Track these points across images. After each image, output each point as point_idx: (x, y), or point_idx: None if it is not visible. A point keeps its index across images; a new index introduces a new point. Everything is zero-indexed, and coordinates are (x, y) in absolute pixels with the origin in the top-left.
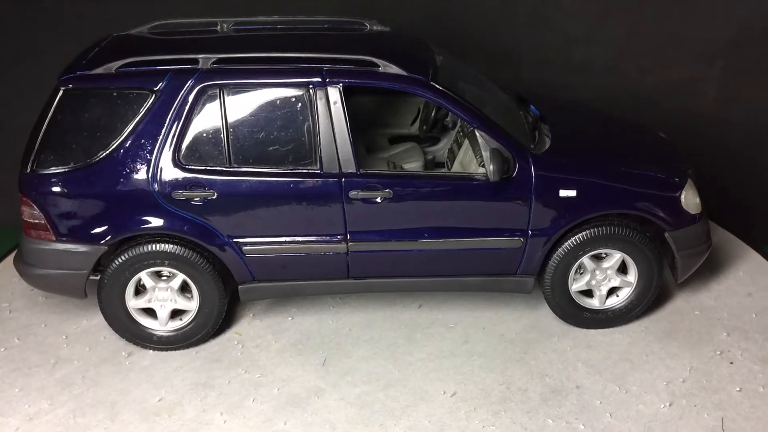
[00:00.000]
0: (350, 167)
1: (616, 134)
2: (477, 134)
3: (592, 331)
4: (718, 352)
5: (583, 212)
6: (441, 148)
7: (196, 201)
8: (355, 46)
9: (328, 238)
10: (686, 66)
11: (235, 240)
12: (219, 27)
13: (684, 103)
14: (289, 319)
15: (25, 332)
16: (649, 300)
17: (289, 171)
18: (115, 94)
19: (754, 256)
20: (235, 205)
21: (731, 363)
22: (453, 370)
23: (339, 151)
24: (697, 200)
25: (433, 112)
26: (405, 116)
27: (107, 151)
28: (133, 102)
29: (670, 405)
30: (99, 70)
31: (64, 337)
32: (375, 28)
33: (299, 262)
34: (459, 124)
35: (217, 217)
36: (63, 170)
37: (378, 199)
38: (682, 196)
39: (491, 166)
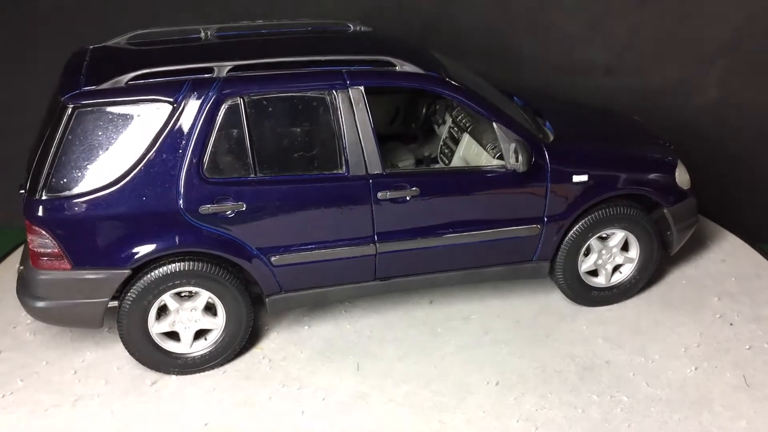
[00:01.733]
0: (376, 168)
1: (603, 121)
2: (495, 127)
3: (599, 309)
4: (718, 316)
5: (594, 196)
6: (422, 145)
7: (225, 214)
8: (362, 46)
9: (356, 241)
10: (686, 66)
11: (263, 251)
12: (203, 34)
13: (684, 103)
14: (306, 328)
15: (26, 372)
16: (649, 273)
17: (316, 176)
18: (130, 108)
19: (710, 225)
20: (265, 215)
21: (731, 324)
22: (486, 360)
23: (365, 152)
24: (687, 176)
25: (424, 109)
26: (382, 117)
27: (127, 170)
28: (150, 116)
29: (695, 369)
30: (107, 85)
31: (73, 372)
32: (359, 28)
33: (328, 268)
34: (450, 120)
35: (246, 229)
36: (79, 193)
37: (407, 198)
38: (677, 174)
39: (520, 158)
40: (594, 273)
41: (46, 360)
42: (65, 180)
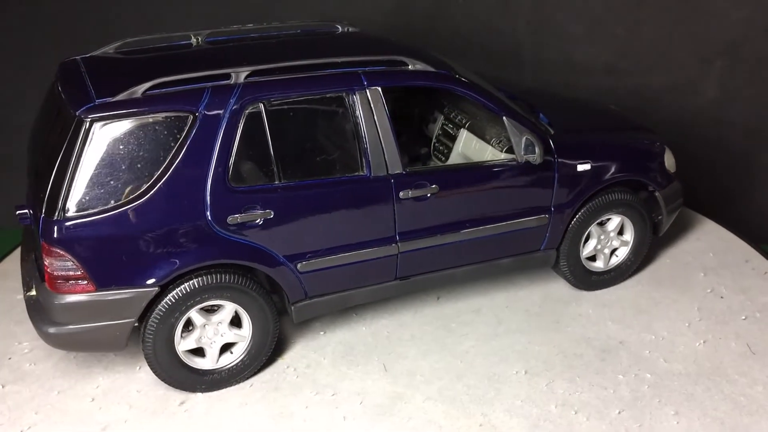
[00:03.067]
0: (397, 168)
1: (591, 112)
2: (506, 121)
3: (599, 292)
4: (708, 290)
5: (596, 184)
6: (409, 144)
7: (252, 223)
8: (370, 47)
9: (379, 242)
10: (686, 66)
11: (290, 258)
12: (193, 40)
13: (684, 103)
14: (322, 334)
15: (38, 404)
16: (642, 255)
17: (338, 179)
18: (150, 120)
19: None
20: (291, 221)
21: (722, 297)
22: (507, 350)
23: (385, 152)
24: (673, 160)
25: (416, 110)
26: None
27: (151, 183)
28: (172, 126)
29: (704, 342)
30: (122, 97)
31: (90, 400)
32: (347, 29)
33: (351, 271)
34: (442, 117)
35: (274, 237)
36: (102, 210)
37: (428, 196)
38: (666, 158)
39: (537, 150)
40: (592, 258)
41: (57, 389)
42: (86, 198)
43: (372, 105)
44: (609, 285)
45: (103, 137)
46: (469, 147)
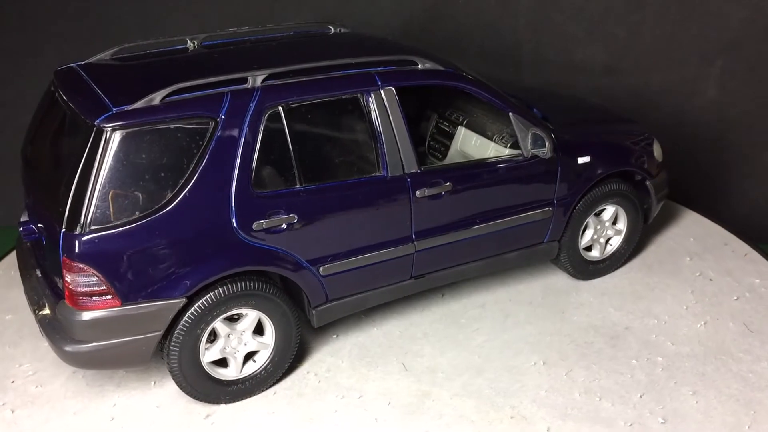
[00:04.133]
0: (412, 167)
1: (580, 106)
2: (512, 117)
3: (595, 281)
4: (697, 274)
5: (595, 176)
6: None
7: (277, 228)
8: (377, 47)
9: (397, 241)
10: (686, 66)
11: (313, 262)
12: (189, 44)
13: (684, 103)
14: (335, 337)
15: (55, 428)
16: (634, 243)
17: (357, 180)
18: (172, 127)
19: None
20: (314, 225)
21: (711, 280)
22: (519, 342)
23: (401, 152)
24: (660, 150)
25: (407, 109)
26: None
27: (175, 192)
28: (194, 133)
29: (704, 324)
30: (140, 104)
31: (110, 419)
32: (339, 30)
33: (370, 272)
34: (436, 116)
35: (297, 242)
36: (126, 222)
37: (442, 193)
38: (654, 149)
39: (547, 144)
40: (588, 248)
41: (71, 411)
42: (110, 210)
43: (387, 105)
44: (604, 273)
45: (124, 146)
46: (469, 144)
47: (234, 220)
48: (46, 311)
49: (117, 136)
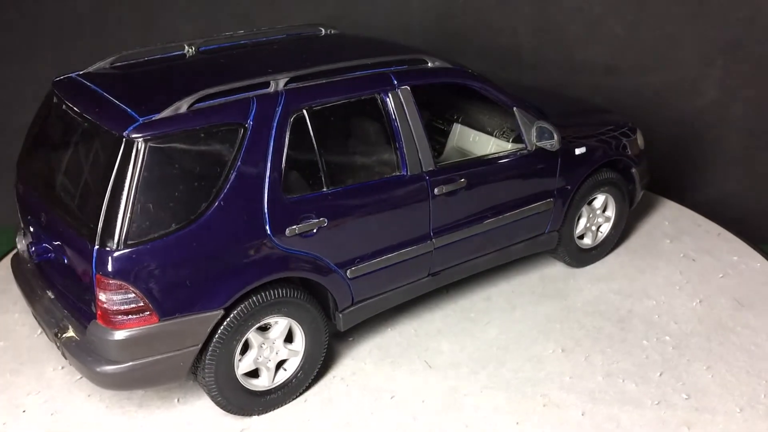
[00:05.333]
0: (429, 165)
1: (566, 100)
2: (516, 112)
3: (587, 268)
4: (681, 255)
5: (590, 165)
6: None
7: (308, 233)
8: (383, 48)
9: (417, 240)
10: (686, 66)
11: (341, 265)
12: (186, 50)
13: (684, 103)
14: (350, 339)
15: None
16: (621, 229)
17: (380, 181)
18: (202, 135)
19: None
20: (343, 227)
21: (694, 260)
22: (532, 331)
23: (419, 150)
24: (642, 139)
25: None
26: None
27: (209, 201)
28: (224, 140)
29: (700, 302)
30: (167, 113)
31: None
32: (329, 32)
33: (393, 272)
34: (428, 113)
35: (327, 245)
36: (161, 235)
37: (457, 190)
38: (637, 137)
39: (555, 136)
40: (580, 237)
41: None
42: (146, 223)
43: (404, 104)
44: (596, 260)
45: (156, 157)
46: (467, 141)
47: (268, 227)
48: (71, 333)
49: (148, 147)
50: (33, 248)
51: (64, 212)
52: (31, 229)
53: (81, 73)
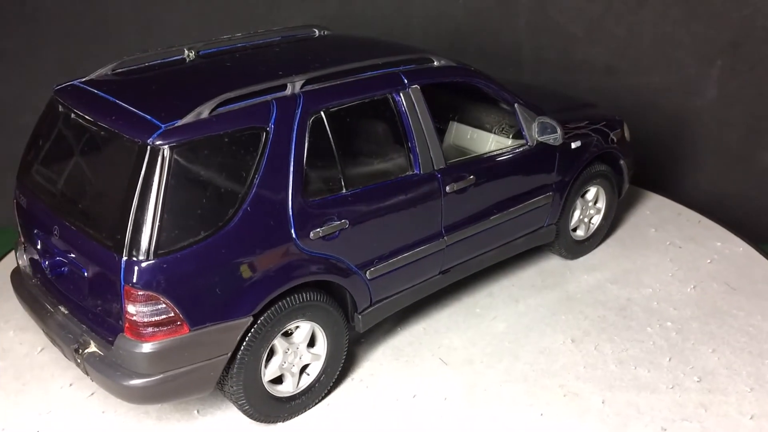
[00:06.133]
0: (440, 163)
1: (554, 95)
2: (517, 108)
3: (581, 259)
4: (667, 243)
5: (585, 159)
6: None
7: (332, 235)
8: (384, 47)
9: (430, 238)
10: (686, 66)
11: (361, 266)
12: (186, 54)
13: (684, 103)
14: (363, 341)
15: None
16: (610, 219)
17: (395, 180)
18: (226, 140)
19: None
20: (362, 228)
21: (680, 247)
22: (539, 324)
23: (430, 148)
24: (628, 131)
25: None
26: None
27: (236, 207)
28: (248, 144)
29: (694, 287)
30: (189, 119)
31: None
32: (323, 32)
33: (408, 271)
34: None
35: (348, 247)
36: (192, 243)
37: (467, 187)
38: (624, 130)
39: (559, 131)
40: (573, 229)
41: None
42: (175, 232)
43: (415, 103)
44: (588, 251)
45: (182, 164)
46: (464, 138)
47: (293, 231)
48: (93, 349)
49: (174, 154)
50: (46, 262)
51: (84, 224)
52: (39, 243)
53: (84, 80)
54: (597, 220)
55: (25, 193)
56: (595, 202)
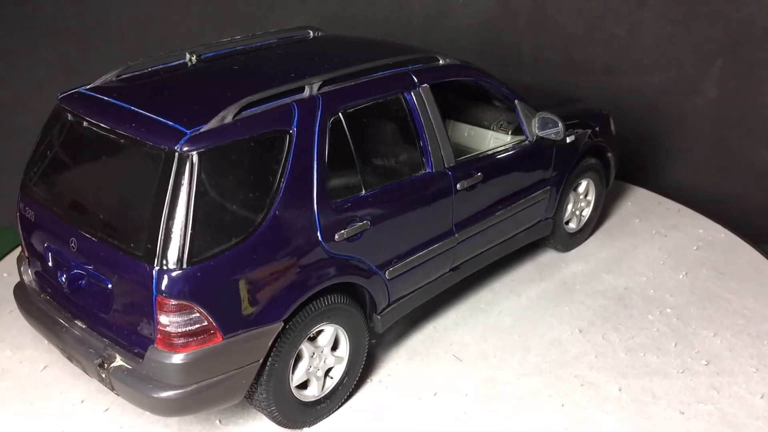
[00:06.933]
0: (450, 161)
1: (543, 91)
2: (518, 105)
3: (573, 252)
4: (653, 232)
5: (578, 153)
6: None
7: (355, 237)
8: (394, 48)
9: (443, 236)
10: (686, 66)
11: (380, 267)
12: (188, 58)
13: (684, 103)
14: (373, 341)
15: None
16: (599, 211)
17: (410, 179)
18: (252, 144)
19: None
20: (382, 228)
21: (666, 236)
22: (545, 316)
23: (441, 147)
24: (614, 125)
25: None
26: None
27: (265, 210)
28: (272, 148)
29: (685, 274)
30: (214, 124)
31: None
32: (317, 33)
33: (423, 269)
34: None
35: (369, 248)
36: (224, 250)
37: (476, 184)
38: (611, 123)
39: (560, 126)
40: (566, 222)
41: None
42: (207, 239)
43: (425, 102)
44: (580, 243)
45: (211, 170)
46: (461, 136)
47: (319, 233)
48: (119, 362)
49: (202, 160)
50: (63, 276)
51: (107, 235)
52: (51, 257)
53: (89, 87)
54: (587, 212)
55: (31, 206)
56: (586, 195)
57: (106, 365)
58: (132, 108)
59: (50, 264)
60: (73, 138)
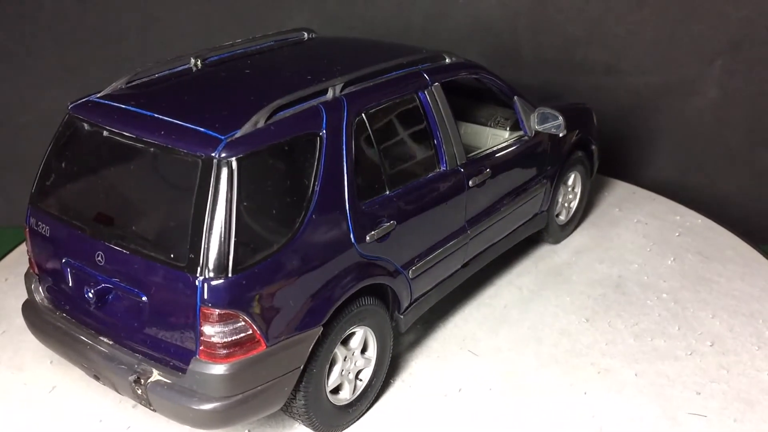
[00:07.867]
0: (462, 158)
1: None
2: (517, 101)
3: (562, 243)
4: (635, 221)
5: (568, 146)
6: None
7: (383, 237)
8: (398, 48)
9: (457, 232)
10: (686, 66)
11: (404, 266)
12: (193, 63)
13: (684, 103)
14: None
15: None
16: (584, 202)
17: (428, 178)
18: (286, 148)
19: None
20: (407, 228)
21: (647, 224)
22: (550, 307)
23: (454, 145)
24: (596, 118)
25: None
26: None
27: (303, 214)
28: (305, 151)
29: (673, 259)
30: (247, 129)
31: None
32: (311, 35)
33: (440, 267)
34: None
35: (396, 248)
36: (267, 256)
37: (485, 180)
38: (593, 117)
39: (561, 121)
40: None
41: None
42: (249, 246)
43: (438, 100)
44: (568, 235)
45: (250, 175)
46: (462, 132)
47: (352, 235)
48: (157, 377)
49: (241, 166)
50: (90, 292)
51: (141, 246)
52: (71, 273)
53: (101, 95)
54: (575, 204)
55: (45, 220)
56: (573, 187)
57: (142, 381)
58: (157, 116)
59: (70, 280)
60: (92, 149)
